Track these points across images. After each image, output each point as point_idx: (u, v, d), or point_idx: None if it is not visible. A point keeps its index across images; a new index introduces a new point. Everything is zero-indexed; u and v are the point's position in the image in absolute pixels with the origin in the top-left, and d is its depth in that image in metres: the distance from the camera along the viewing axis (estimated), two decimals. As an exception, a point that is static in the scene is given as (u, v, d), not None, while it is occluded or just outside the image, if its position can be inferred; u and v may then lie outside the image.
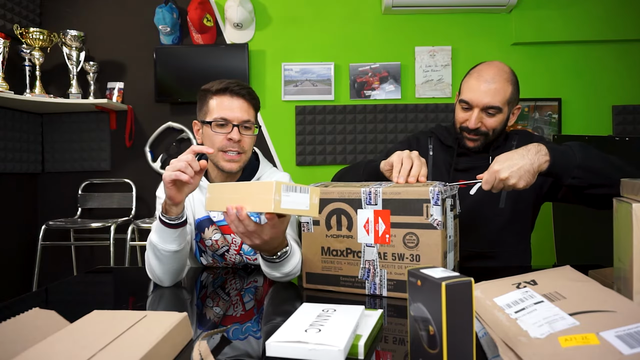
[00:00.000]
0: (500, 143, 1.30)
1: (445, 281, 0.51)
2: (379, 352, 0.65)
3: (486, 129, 1.23)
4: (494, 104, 1.19)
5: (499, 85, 1.19)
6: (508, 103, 1.22)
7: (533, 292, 0.68)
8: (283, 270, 0.98)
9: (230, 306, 0.88)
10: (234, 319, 0.80)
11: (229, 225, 0.84)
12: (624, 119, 2.88)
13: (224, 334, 0.72)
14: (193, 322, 0.79)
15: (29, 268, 2.79)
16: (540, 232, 1.31)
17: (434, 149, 1.36)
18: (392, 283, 0.89)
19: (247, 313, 0.84)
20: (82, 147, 2.93)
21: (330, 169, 2.90)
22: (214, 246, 1.23)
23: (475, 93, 1.20)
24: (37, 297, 1.04)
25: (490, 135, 1.24)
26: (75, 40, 2.71)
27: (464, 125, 1.24)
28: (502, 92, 1.19)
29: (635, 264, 0.64)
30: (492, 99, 1.18)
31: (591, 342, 0.51)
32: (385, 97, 2.90)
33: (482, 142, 1.25)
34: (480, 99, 1.19)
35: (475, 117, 1.21)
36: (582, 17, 2.81)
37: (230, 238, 1.22)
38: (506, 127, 1.28)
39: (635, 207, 0.64)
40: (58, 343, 0.57)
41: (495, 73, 1.20)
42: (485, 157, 1.28)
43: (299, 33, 2.91)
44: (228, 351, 0.66)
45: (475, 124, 1.21)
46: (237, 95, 1.16)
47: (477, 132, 1.23)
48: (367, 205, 0.91)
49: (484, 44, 2.89)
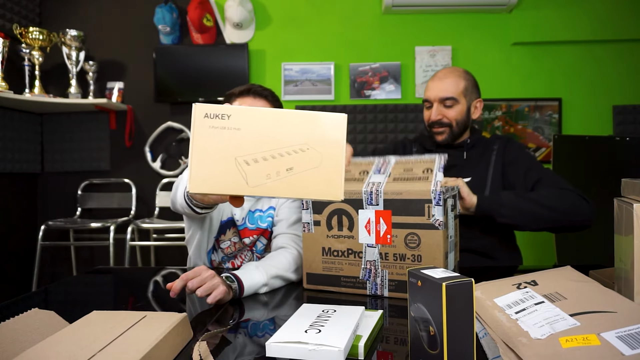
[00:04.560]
0: (475, 142, 1.41)
1: (445, 282, 0.51)
2: (379, 353, 0.65)
3: (448, 120, 1.37)
4: (448, 95, 1.35)
5: (451, 80, 1.36)
6: (464, 95, 1.36)
7: (534, 292, 0.68)
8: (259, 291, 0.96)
9: (231, 306, 0.88)
10: (234, 319, 0.80)
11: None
12: (625, 119, 2.87)
13: (224, 334, 0.72)
14: (193, 322, 0.78)
15: (28, 268, 2.79)
16: (541, 232, 1.32)
17: (416, 153, 1.49)
18: (393, 283, 0.89)
19: (247, 313, 0.84)
20: (82, 147, 2.93)
21: (330, 169, 2.89)
22: (230, 248, 1.23)
23: (431, 90, 1.38)
24: (36, 297, 1.04)
25: (454, 126, 1.37)
26: (75, 40, 2.70)
27: (430, 121, 1.39)
28: (455, 84, 1.36)
29: (637, 265, 0.64)
30: (445, 91, 1.35)
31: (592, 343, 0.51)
32: (385, 97, 2.90)
33: (449, 134, 1.38)
34: (436, 93, 1.37)
35: (435, 110, 1.37)
36: (582, 17, 2.80)
37: (247, 240, 1.23)
38: (469, 119, 1.40)
39: (636, 207, 0.64)
40: (57, 343, 0.56)
41: (447, 71, 1.39)
42: (461, 155, 1.40)
43: (299, 33, 2.91)
44: (228, 351, 0.66)
45: (436, 116, 1.37)
46: (259, 96, 1.19)
47: (440, 124, 1.37)
48: (369, 206, 0.91)
49: (484, 44, 2.89)
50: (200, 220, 1.22)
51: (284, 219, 1.19)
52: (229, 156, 0.53)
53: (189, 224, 1.26)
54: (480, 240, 1.30)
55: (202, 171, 0.53)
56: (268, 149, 0.54)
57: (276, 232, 1.19)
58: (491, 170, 1.34)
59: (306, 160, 0.54)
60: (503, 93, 2.89)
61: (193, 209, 0.93)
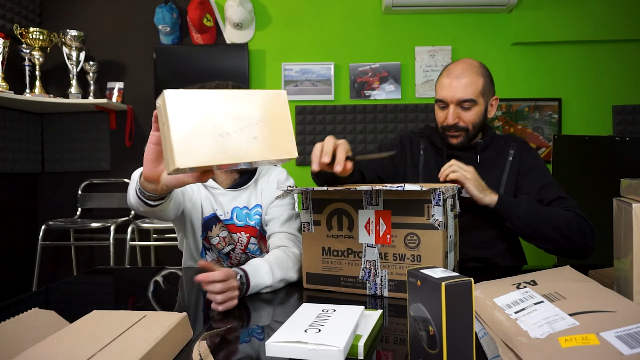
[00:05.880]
0: (489, 143, 1.32)
1: (445, 281, 0.51)
2: (379, 352, 0.65)
3: (465, 124, 1.25)
4: (467, 97, 1.22)
5: (470, 79, 1.22)
6: (482, 95, 1.25)
7: (533, 292, 0.68)
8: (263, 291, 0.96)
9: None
10: (233, 319, 0.80)
11: None
12: (624, 119, 2.88)
13: (223, 334, 0.72)
14: (193, 322, 0.78)
15: (28, 268, 2.79)
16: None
17: (425, 150, 1.38)
18: (393, 283, 0.89)
19: (247, 313, 0.84)
20: (82, 147, 2.93)
21: (330, 169, 2.89)
22: (220, 244, 1.23)
23: (447, 90, 1.24)
24: (36, 297, 1.04)
25: (470, 130, 1.26)
26: (75, 40, 2.71)
27: (444, 123, 1.27)
28: (474, 84, 1.23)
29: (636, 264, 0.64)
30: (464, 92, 1.22)
31: (591, 343, 0.51)
32: (385, 97, 2.90)
33: (465, 138, 1.27)
34: (453, 94, 1.23)
35: (452, 113, 1.24)
36: (582, 17, 2.81)
37: (236, 237, 1.22)
38: (486, 120, 1.31)
39: (635, 207, 0.64)
40: (58, 343, 0.57)
41: (464, 68, 1.24)
42: (473, 157, 1.30)
43: (299, 33, 2.91)
44: (228, 351, 0.66)
45: (453, 120, 1.24)
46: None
47: (456, 128, 1.26)
48: (368, 206, 0.91)
49: (484, 44, 2.89)
50: (182, 223, 1.22)
51: (276, 217, 1.19)
52: (206, 131, 0.60)
53: (177, 228, 1.28)
54: (488, 249, 1.26)
55: (184, 146, 0.58)
56: (236, 124, 0.62)
57: (270, 230, 1.18)
58: (505, 177, 1.28)
59: (265, 129, 0.64)
60: (503, 93, 2.88)
61: (146, 203, 0.92)
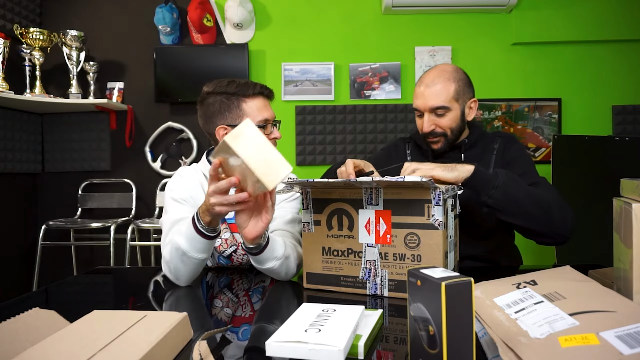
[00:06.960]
0: (474, 141, 1.32)
1: (445, 281, 0.51)
2: (379, 352, 0.65)
3: (442, 129, 1.27)
4: (438, 104, 1.24)
5: (441, 86, 1.24)
6: (456, 99, 1.25)
7: (533, 292, 0.68)
8: (265, 265, 0.99)
9: (230, 306, 0.88)
10: (233, 319, 0.80)
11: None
12: (624, 119, 2.88)
13: (224, 334, 0.72)
14: (193, 322, 0.78)
15: (29, 268, 2.79)
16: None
17: (411, 154, 1.40)
18: (393, 283, 0.89)
19: (247, 313, 0.84)
20: (82, 147, 2.93)
21: (330, 169, 2.90)
22: (222, 247, 1.23)
23: (420, 99, 1.27)
24: (37, 297, 1.04)
25: (449, 135, 1.27)
26: (75, 40, 2.71)
27: (423, 131, 1.29)
28: (445, 91, 1.24)
29: (636, 264, 0.64)
30: (436, 100, 1.24)
31: (591, 342, 0.51)
32: (385, 97, 2.90)
33: (444, 142, 1.29)
34: (425, 102, 1.25)
35: (427, 121, 1.26)
36: (582, 17, 2.81)
37: (239, 237, 1.22)
38: (464, 122, 1.30)
39: (635, 207, 0.64)
40: (58, 343, 0.57)
41: (435, 75, 1.26)
42: (458, 157, 1.31)
43: (299, 33, 2.91)
44: (228, 351, 0.66)
45: (429, 127, 1.26)
46: (268, 98, 1.20)
47: (434, 134, 1.27)
48: (369, 206, 0.91)
49: (484, 44, 2.89)
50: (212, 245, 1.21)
51: (279, 216, 1.19)
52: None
53: None
54: (481, 246, 1.27)
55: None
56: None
57: (272, 228, 1.19)
58: None
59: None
60: (503, 93, 2.89)
61: (207, 236, 0.94)
